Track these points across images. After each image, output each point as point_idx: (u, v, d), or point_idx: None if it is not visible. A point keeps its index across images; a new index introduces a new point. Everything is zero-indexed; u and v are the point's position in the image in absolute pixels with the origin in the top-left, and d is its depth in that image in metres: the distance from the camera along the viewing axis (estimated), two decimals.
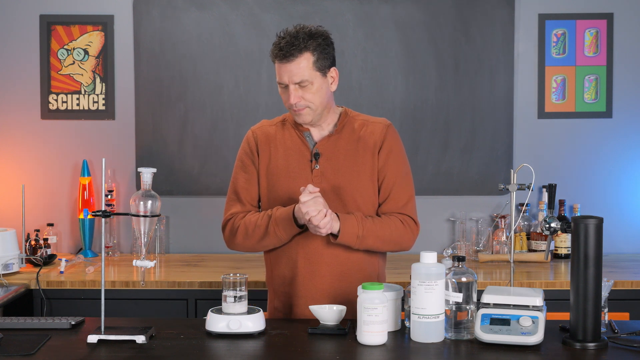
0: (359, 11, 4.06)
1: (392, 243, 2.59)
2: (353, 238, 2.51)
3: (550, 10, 4.07)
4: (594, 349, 2.18)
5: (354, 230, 2.50)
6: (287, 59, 2.49)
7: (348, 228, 2.49)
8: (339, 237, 2.49)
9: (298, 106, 2.53)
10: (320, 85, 2.54)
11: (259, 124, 2.72)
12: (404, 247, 2.62)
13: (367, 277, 2.60)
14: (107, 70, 4.09)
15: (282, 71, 2.51)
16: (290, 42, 2.49)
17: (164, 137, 4.10)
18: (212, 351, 2.22)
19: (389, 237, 2.56)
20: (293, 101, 2.52)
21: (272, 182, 2.62)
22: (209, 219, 4.05)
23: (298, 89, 2.52)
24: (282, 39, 2.51)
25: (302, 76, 2.50)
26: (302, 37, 2.50)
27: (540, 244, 3.91)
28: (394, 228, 2.57)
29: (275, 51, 2.51)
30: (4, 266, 3.49)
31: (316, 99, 2.53)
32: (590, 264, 2.20)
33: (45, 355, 2.15)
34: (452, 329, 2.27)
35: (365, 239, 2.52)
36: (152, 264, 2.34)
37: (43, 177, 4.12)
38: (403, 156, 2.66)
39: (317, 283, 2.57)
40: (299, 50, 2.49)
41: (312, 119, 2.58)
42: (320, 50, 2.52)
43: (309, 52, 2.50)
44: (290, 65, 2.50)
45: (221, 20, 4.08)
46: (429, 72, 4.08)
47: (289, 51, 2.48)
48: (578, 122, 4.10)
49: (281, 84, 2.55)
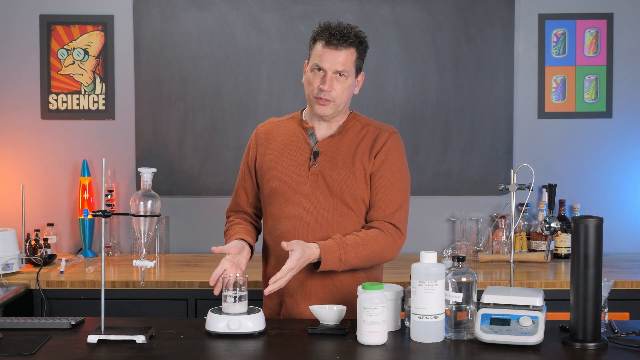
0: (359, 11, 4.06)
1: (375, 259, 2.58)
2: (336, 263, 2.50)
3: (550, 10, 4.08)
4: (594, 349, 2.18)
5: (335, 257, 2.49)
6: (336, 46, 2.53)
7: (329, 256, 2.48)
8: (321, 266, 2.49)
9: (327, 96, 2.54)
10: (351, 83, 2.59)
11: (266, 122, 2.77)
12: (387, 259, 2.61)
13: (359, 279, 2.59)
14: (107, 70, 4.09)
15: (327, 56, 2.54)
16: (343, 32, 2.54)
17: (164, 137, 4.10)
18: (212, 351, 2.22)
19: (371, 254, 2.55)
20: (327, 88, 2.53)
21: (264, 173, 2.64)
22: (209, 219, 4.06)
23: (334, 78, 2.55)
24: (333, 28, 2.55)
25: (344, 66, 2.54)
26: (354, 33, 2.57)
27: (540, 244, 3.91)
28: (375, 244, 2.55)
29: (325, 35, 2.54)
30: (4, 266, 3.49)
31: (344, 94, 2.57)
32: (590, 264, 2.19)
33: (45, 355, 2.15)
34: (452, 329, 2.27)
35: (347, 262, 2.51)
36: (152, 264, 2.34)
37: (43, 177, 4.12)
38: (400, 164, 2.63)
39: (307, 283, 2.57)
40: (349, 43, 2.55)
41: (332, 114, 2.59)
42: (361, 51, 2.60)
43: (355, 48, 2.57)
44: (338, 53, 2.53)
45: (221, 20, 4.08)
46: (429, 72, 4.08)
47: (342, 39, 2.53)
48: (578, 122, 4.10)
49: (317, 68, 2.56)
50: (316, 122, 2.64)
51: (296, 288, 2.58)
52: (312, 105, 2.60)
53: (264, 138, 2.69)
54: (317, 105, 2.57)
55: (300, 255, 2.43)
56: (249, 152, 2.72)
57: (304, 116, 2.68)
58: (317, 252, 2.48)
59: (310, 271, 2.55)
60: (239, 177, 2.75)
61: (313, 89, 2.56)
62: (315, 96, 2.56)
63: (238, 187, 2.75)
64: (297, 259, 2.42)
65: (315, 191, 2.56)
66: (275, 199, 2.61)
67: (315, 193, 2.55)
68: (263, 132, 2.71)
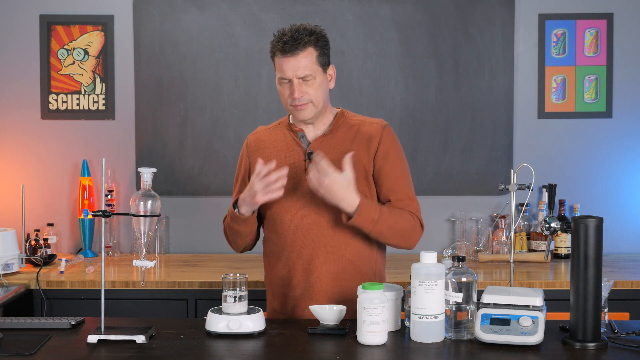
0: (359, 11, 4.06)
1: (403, 236, 2.56)
2: (368, 221, 2.48)
3: (550, 10, 4.08)
4: (594, 349, 2.18)
5: (371, 214, 2.47)
6: (292, 53, 2.51)
7: (366, 210, 2.46)
8: (354, 217, 2.46)
9: (301, 101, 2.53)
10: (322, 81, 2.57)
11: (254, 131, 2.75)
12: (411, 242, 2.58)
13: (364, 276, 2.59)
14: (107, 70, 4.09)
15: (286, 66, 2.53)
16: (294, 37, 2.51)
17: (164, 137, 4.10)
18: (212, 351, 2.22)
19: (401, 228, 2.54)
20: (297, 95, 2.52)
21: None
22: (209, 219, 4.05)
23: (301, 83, 2.53)
24: (283, 35, 2.53)
25: (306, 70, 2.52)
26: (304, 33, 2.53)
27: (540, 244, 3.91)
28: (406, 220, 2.55)
29: (279, 46, 2.53)
30: (4, 266, 3.49)
31: (318, 94, 2.55)
32: (590, 264, 2.19)
33: (45, 355, 2.15)
34: (452, 329, 2.27)
35: (379, 225, 2.49)
36: (152, 264, 2.34)
37: (43, 177, 4.12)
38: (401, 156, 2.65)
39: (314, 283, 2.56)
40: (303, 45, 2.52)
41: (314, 115, 2.58)
42: (321, 46, 2.56)
43: (312, 47, 2.54)
44: (295, 60, 2.51)
45: (221, 20, 4.08)
46: (429, 72, 4.08)
47: (294, 45, 2.51)
48: (578, 122, 4.10)
49: (283, 80, 2.55)
50: (304, 125, 2.64)
51: (304, 289, 2.58)
52: (293, 114, 2.61)
53: (254, 146, 2.68)
54: (296, 112, 2.57)
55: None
56: (242, 163, 2.71)
57: (291, 120, 2.68)
58: (355, 201, 2.45)
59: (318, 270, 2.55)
60: (235, 189, 2.72)
61: (286, 100, 2.57)
62: (291, 105, 2.56)
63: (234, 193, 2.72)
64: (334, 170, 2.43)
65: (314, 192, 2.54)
66: (274, 202, 2.60)
67: (315, 194, 2.54)
68: (253, 140, 2.70)
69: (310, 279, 2.57)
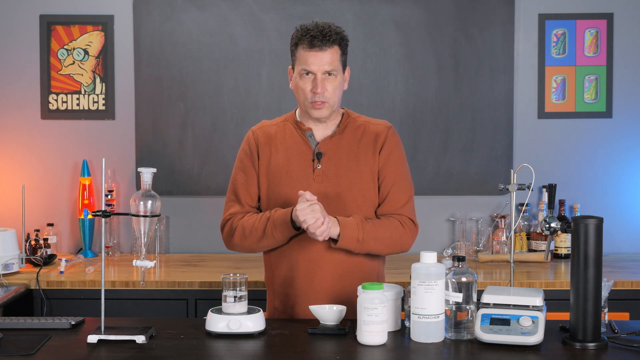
0: (359, 11, 4.06)
1: (392, 245, 2.59)
2: (353, 242, 2.50)
3: (550, 10, 4.08)
4: (594, 349, 2.18)
5: (354, 235, 2.50)
6: (321, 48, 2.52)
7: (348, 232, 2.49)
8: (339, 242, 2.49)
9: (321, 98, 2.53)
10: (341, 81, 2.59)
11: (259, 125, 2.72)
12: (404, 248, 2.61)
13: (367, 277, 2.60)
14: (107, 70, 4.09)
15: (312, 59, 2.53)
16: (323, 32, 2.53)
17: (164, 137, 4.10)
18: (212, 351, 2.22)
19: (388, 239, 2.56)
20: (320, 90, 2.52)
21: (273, 182, 2.61)
22: (209, 219, 4.05)
23: (325, 79, 2.54)
24: (311, 30, 2.54)
25: (332, 65, 2.54)
26: (333, 30, 2.56)
27: (540, 244, 3.91)
28: (393, 229, 2.56)
29: (308, 39, 2.53)
30: (4, 266, 3.49)
31: (336, 93, 2.57)
32: (590, 264, 2.20)
33: (45, 355, 2.15)
34: (452, 329, 2.27)
35: (365, 243, 2.52)
36: (152, 264, 2.34)
37: (43, 177, 4.12)
38: (403, 158, 2.66)
39: (317, 284, 2.56)
40: (331, 42, 2.54)
41: (328, 115, 2.59)
42: (344, 47, 2.60)
43: (337, 45, 2.57)
44: (323, 54, 2.53)
45: (221, 20, 4.08)
46: (429, 72, 4.08)
47: (323, 40, 2.52)
48: (578, 122, 4.10)
49: (306, 73, 2.54)
50: (312, 124, 2.63)
51: (307, 289, 2.58)
52: (307, 110, 2.59)
53: (264, 140, 2.65)
54: (313, 110, 2.57)
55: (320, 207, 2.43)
56: (249, 155, 2.65)
57: (298, 117, 2.67)
58: (335, 231, 2.48)
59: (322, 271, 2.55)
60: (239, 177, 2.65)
61: (306, 94, 2.55)
62: (310, 101, 2.55)
63: (238, 188, 2.66)
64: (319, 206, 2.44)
65: (322, 193, 2.54)
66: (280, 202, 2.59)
67: (323, 195, 2.54)
68: (262, 134, 2.66)
69: (314, 279, 2.56)
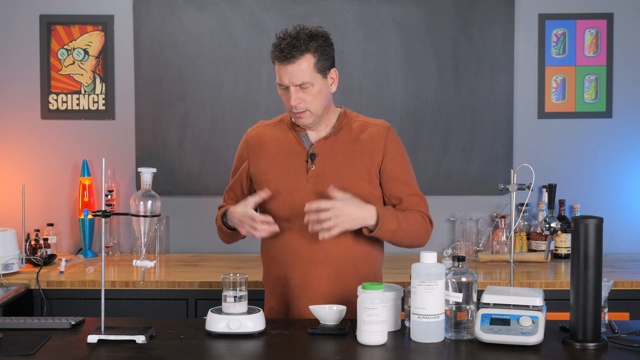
0: (359, 11, 4.06)
1: (416, 238, 2.60)
2: (388, 233, 2.51)
3: (550, 10, 4.08)
4: (594, 349, 2.18)
5: (390, 226, 2.50)
6: (288, 61, 2.47)
7: (385, 222, 2.49)
8: (375, 231, 2.49)
9: (299, 108, 2.51)
10: (321, 87, 2.52)
11: (255, 125, 2.74)
12: (423, 242, 2.63)
13: (364, 277, 2.59)
14: (107, 70, 4.09)
15: (283, 73, 2.49)
16: (291, 44, 2.46)
17: (164, 137, 4.10)
18: (212, 351, 2.22)
19: (416, 231, 2.58)
20: (294, 103, 2.50)
21: (264, 182, 2.61)
22: (209, 219, 4.02)
23: (299, 90, 2.50)
24: (282, 40, 2.48)
25: (303, 78, 2.48)
26: (303, 38, 2.47)
27: (540, 244, 3.91)
28: (419, 222, 2.58)
29: (276, 52, 2.49)
30: (4, 266, 3.49)
31: (316, 101, 2.52)
32: (590, 264, 2.20)
33: (45, 355, 2.15)
34: (452, 329, 2.27)
35: (397, 234, 2.53)
36: (152, 264, 2.34)
37: (43, 177, 4.12)
38: (406, 156, 2.67)
39: (312, 284, 2.56)
40: (300, 52, 2.46)
41: (312, 122, 2.57)
42: (320, 52, 2.50)
43: (310, 53, 2.48)
44: (291, 67, 2.47)
45: (221, 20, 4.08)
46: (429, 72, 4.08)
47: (290, 52, 2.46)
48: (578, 122, 4.10)
49: (281, 86, 2.53)
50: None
51: (302, 289, 2.57)
52: (293, 119, 2.60)
53: (254, 143, 2.66)
54: (295, 118, 2.57)
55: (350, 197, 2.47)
56: (240, 158, 2.71)
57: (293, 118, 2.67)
58: (373, 212, 2.48)
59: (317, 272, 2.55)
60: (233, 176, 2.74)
61: (286, 105, 2.56)
62: (292, 111, 2.55)
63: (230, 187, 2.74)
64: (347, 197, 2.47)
65: (316, 194, 2.54)
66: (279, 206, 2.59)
67: (317, 196, 2.53)
68: (253, 137, 2.68)
69: (309, 280, 2.56)
